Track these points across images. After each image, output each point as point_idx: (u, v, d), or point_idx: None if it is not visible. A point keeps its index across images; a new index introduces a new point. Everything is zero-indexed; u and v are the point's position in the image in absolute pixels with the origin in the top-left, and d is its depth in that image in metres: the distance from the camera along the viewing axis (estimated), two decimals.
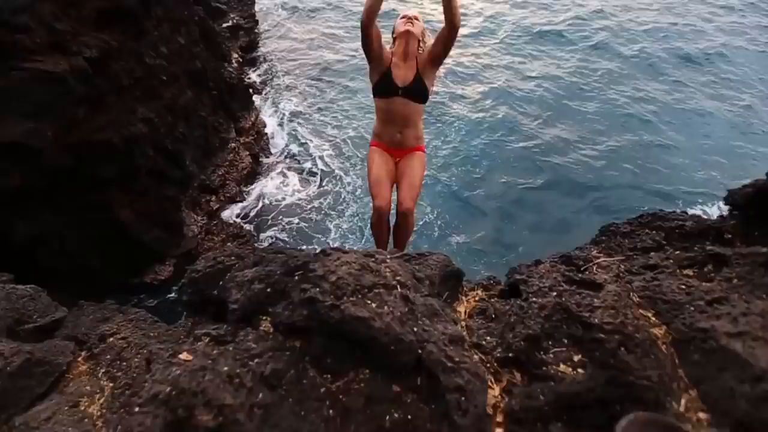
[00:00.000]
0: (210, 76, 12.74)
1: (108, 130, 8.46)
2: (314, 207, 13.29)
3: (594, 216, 13.62)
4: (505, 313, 1.92)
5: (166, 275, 10.65)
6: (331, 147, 15.42)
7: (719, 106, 18.00)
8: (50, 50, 7.58)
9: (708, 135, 16.65)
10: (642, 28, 22.57)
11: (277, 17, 21.87)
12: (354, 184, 14.23)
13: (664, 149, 15.96)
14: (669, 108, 17.70)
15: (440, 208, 13.46)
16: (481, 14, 23.31)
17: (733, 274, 1.86)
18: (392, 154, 3.34)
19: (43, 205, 8.30)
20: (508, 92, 17.90)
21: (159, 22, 10.54)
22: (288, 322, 1.80)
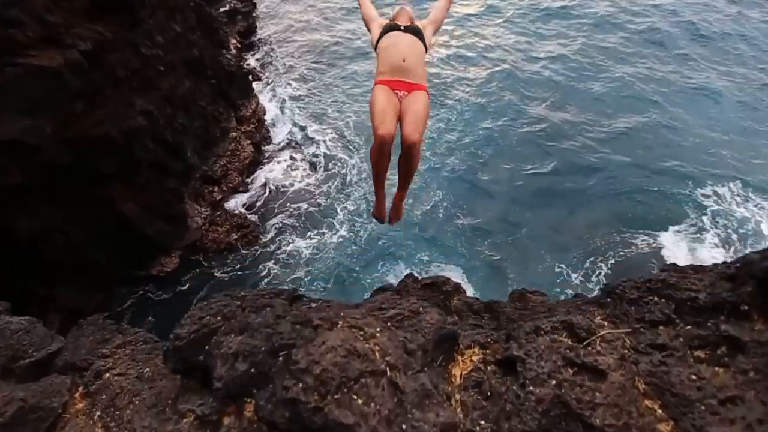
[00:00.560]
0: (208, 64, 12.50)
1: (107, 124, 8.37)
2: (320, 191, 13.24)
3: (601, 198, 13.52)
4: (502, 395, 1.78)
5: (172, 267, 10.73)
6: (333, 130, 15.23)
7: (729, 84, 17.50)
8: (44, 44, 7.43)
9: (718, 114, 16.21)
10: (651, 2, 21.78)
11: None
12: (359, 167, 14.11)
13: (672, 129, 15.60)
14: (678, 86, 17.21)
15: (446, 190, 13.39)
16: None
17: (750, 365, 1.68)
18: (396, 89, 3.21)
19: (44, 201, 8.29)
20: (513, 74, 17.46)
21: (154, 10, 10.27)
22: (270, 420, 1.71)
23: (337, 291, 10.94)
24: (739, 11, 21.49)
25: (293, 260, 11.51)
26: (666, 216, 13.03)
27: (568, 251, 12.10)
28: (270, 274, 11.18)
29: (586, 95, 16.63)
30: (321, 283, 11.15)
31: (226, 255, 11.32)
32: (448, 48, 18.89)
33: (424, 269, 11.60)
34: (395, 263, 11.74)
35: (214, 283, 10.84)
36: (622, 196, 13.56)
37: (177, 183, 10.53)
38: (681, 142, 15.16)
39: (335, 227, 12.42)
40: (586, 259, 11.95)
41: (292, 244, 11.87)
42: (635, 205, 13.41)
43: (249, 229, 11.65)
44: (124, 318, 10.08)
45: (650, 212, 13.16)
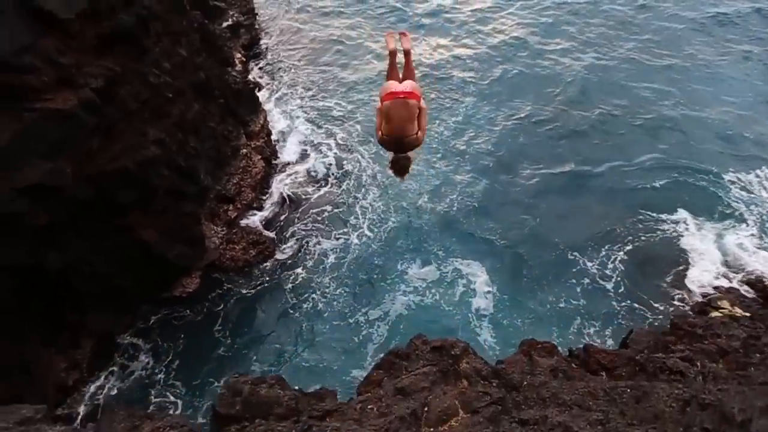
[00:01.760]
0: (215, 85, 12.66)
1: (122, 157, 8.63)
2: (333, 199, 13.41)
3: (617, 187, 13.37)
4: None
5: (194, 287, 11.04)
6: (341, 137, 15.29)
7: (748, 67, 16.92)
8: (58, 86, 7.68)
9: (738, 99, 15.75)
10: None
11: (274, 8, 21.35)
12: (372, 169, 14.26)
13: (690, 117, 15.20)
14: (694, 73, 16.72)
15: (462, 187, 13.47)
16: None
17: None
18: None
19: (70, 234, 8.62)
20: (525, 70, 17.21)
21: (159, 38, 10.44)
22: None
23: (356, 297, 11.15)
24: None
25: (311, 270, 11.73)
26: (688, 203, 12.82)
27: (584, 240, 12.14)
28: (289, 286, 11.40)
29: (599, 88, 16.33)
30: (343, 289, 11.37)
31: (245, 272, 11.58)
32: (458, 48, 18.66)
33: (441, 264, 11.78)
34: (413, 262, 11.92)
35: (235, 300, 11.14)
36: (640, 185, 13.40)
37: (193, 206, 10.79)
38: (700, 129, 14.81)
39: (351, 233, 12.59)
40: (601, 247, 11.98)
41: (310, 255, 12.07)
42: (653, 193, 13.22)
43: (265, 245, 11.86)
44: (151, 338, 10.48)
45: (670, 199, 12.95)
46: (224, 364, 10.04)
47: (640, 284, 11.29)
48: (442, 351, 2.80)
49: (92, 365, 9.87)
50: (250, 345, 10.39)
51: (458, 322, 10.57)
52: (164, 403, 9.50)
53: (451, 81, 17.04)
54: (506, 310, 10.79)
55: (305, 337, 10.49)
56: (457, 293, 11.14)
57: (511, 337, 10.24)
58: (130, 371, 9.95)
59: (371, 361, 9.88)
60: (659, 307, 10.91)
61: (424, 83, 16.83)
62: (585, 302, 10.96)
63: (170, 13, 11.03)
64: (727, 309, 10.41)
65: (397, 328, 10.55)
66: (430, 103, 16.10)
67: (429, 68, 17.65)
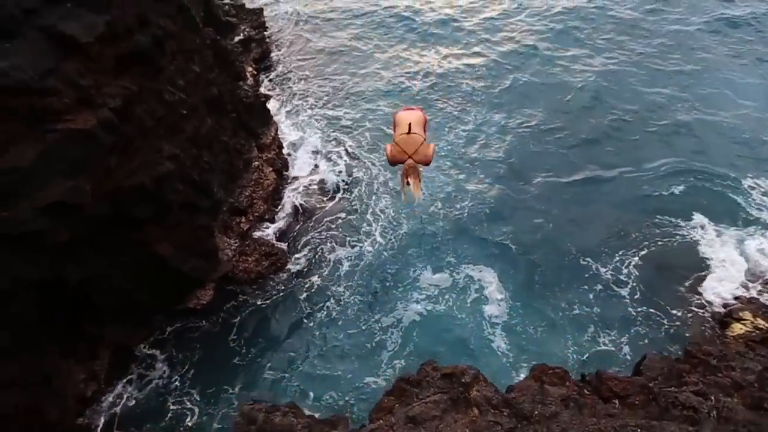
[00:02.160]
0: (227, 99, 12.95)
1: (139, 174, 8.87)
2: (344, 209, 13.53)
3: (631, 193, 13.26)
4: None
5: (208, 299, 11.21)
6: (351, 146, 15.46)
7: (763, 72, 16.65)
8: (78, 107, 7.96)
9: (751, 104, 15.49)
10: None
11: (284, 21, 21.75)
12: (384, 176, 14.37)
13: (705, 122, 15.04)
14: (706, 79, 16.52)
15: (473, 195, 13.51)
16: (501, 7, 22.25)
17: None
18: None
19: (88, 249, 8.86)
20: (535, 79, 17.20)
21: (173, 56, 10.75)
22: None
23: (369, 305, 11.23)
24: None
25: (324, 279, 11.85)
26: (706, 209, 12.66)
27: (598, 246, 12.07)
28: (302, 296, 11.51)
29: (611, 93, 16.25)
30: (356, 297, 11.47)
31: (258, 283, 11.72)
32: (468, 57, 18.76)
33: (454, 270, 11.81)
34: (425, 268, 11.96)
35: (249, 310, 11.28)
36: (655, 190, 13.28)
37: (207, 219, 10.99)
38: (715, 134, 14.64)
39: (363, 241, 12.70)
40: (616, 253, 11.88)
41: (322, 264, 12.19)
42: (669, 199, 13.10)
43: (277, 257, 12.00)
44: (166, 349, 10.67)
45: (686, 205, 12.81)
46: (239, 372, 10.17)
47: (657, 291, 11.13)
48: (453, 378, 2.81)
49: (110, 376, 10.08)
50: (264, 354, 10.50)
51: (471, 330, 10.56)
52: (181, 410, 9.65)
53: (462, 89, 17.12)
54: (519, 317, 10.74)
55: (319, 345, 10.57)
56: (470, 300, 11.15)
57: (524, 344, 10.21)
58: (147, 381, 10.14)
59: (385, 368, 10.00)
60: (677, 313, 10.75)
61: (435, 93, 17.01)
62: (599, 309, 10.84)
63: (184, 31, 11.36)
64: (750, 320, 10.20)
65: (411, 335, 10.59)
66: (441, 112, 16.20)
67: (439, 77, 17.77)
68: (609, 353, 10.13)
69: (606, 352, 10.14)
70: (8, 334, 7.65)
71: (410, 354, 10.22)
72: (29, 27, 7.44)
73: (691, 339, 10.25)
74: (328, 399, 9.62)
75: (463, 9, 21.35)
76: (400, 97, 17.18)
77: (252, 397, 9.56)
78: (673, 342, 10.24)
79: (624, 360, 9.97)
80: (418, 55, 19.03)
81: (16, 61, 6.94)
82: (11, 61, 6.90)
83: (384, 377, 9.85)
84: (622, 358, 10.02)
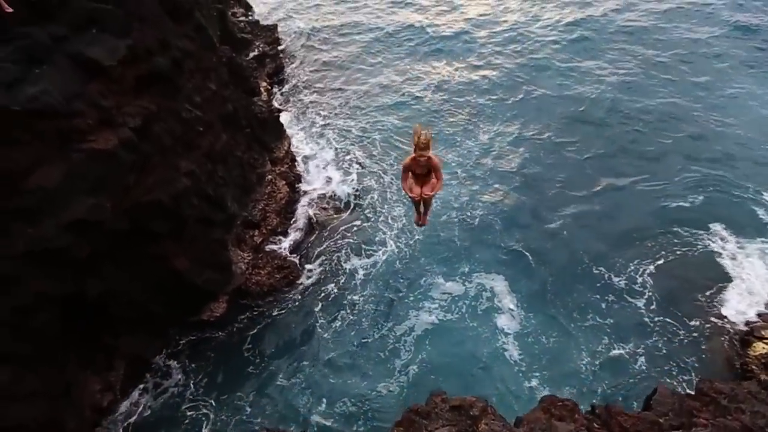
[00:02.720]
0: (242, 115, 13.28)
1: (156, 190, 9.15)
2: (356, 221, 13.66)
3: (648, 203, 13.13)
4: None
5: (221, 312, 11.41)
6: (363, 158, 15.66)
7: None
8: (100, 127, 8.29)
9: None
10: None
11: (297, 36, 22.22)
12: (396, 184, 14.42)
13: (722, 135, 14.82)
14: (724, 92, 16.31)
15: (484, 204, 13.60)
16: (519, 11, 22.42)
17: None
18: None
19: (107, 263, 9.15)
20: (548, 93, 17.21)
21: (191, 74, 11.11)
22: None
23: (382, 315, 11.33)
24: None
25: (337, 290, 11.99)
26: (726, 221, 12.45)
27: (612, 256, 11.98)
28: (315, 307, 11.65)
29: (625, 104, 16.17)
30: (368, 306, 11.59)
31: (271, 296, 11.89)
32: (479, 70, 18.89)
33: (466, 280, 11.84)
34: (437, 278, 12.02)
35: (262, 322, 11.46)
36: (672, 202, 13.14)
37: (221, 233, 11.24)
38: (733, 145, 14.47)
39: (376, 252, 12.83)
40: (630, 263, 11.75)
41: (334, 276, 12.33)
42: (687, 210, 12.93)
43: (289, 270, 12.17)
44: (181, 359, 10.89)
45: (705, 217, 12.63)
46: (253, 380, 10.35)
47: (674, 303, 10.98)
48: (461, 410, 2.86)
49: (125, 386, 10.31)
50: (277, 363, 10.65)
51: (484, 339, 10.58)
52: (197, 417, 9.86)
53: (474, 101, 17.22)
54: (532, 326, 10.72)
55: (332, 354, 10.68)
56: (483, 308, 11.19)
57: (537, 353, 10.17)
58: (162, 389, 10.35)
59: (398, 375, 10.08)
60: (695, 325, 10.58)
61: (447, 104, 17.13)
62: (613, 320, 10.73)
63: (201, 50, 11.74)
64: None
65: (423, 343, 10.65)
66: (453, 124, 16.32)
67: (451, 89, 17.91)
68: (623, 364, 9.99)
69: (620, 363, 10.01)
70: (30, 347, 7.92)
71: (423, 361, 10.29)
72: (58, 53, 7.82)
73: (710, 357, 10.05)
74: (341, 406, 9.72)
75: (473, 22, 21.55)
76: (411, 109, 17.37)
77: (264, 405, 9.78)
78: (690, 355, 10.07)
79: (639, 371, 9.82)
80: (429, 67, 19.23)
81: (45, 86, 7.29)
82: (41, 86, 7.25)
83: (398, 384, 9.94)
84: (637, 369, 9.87)
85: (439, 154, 15.18)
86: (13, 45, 7.36)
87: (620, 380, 9.72)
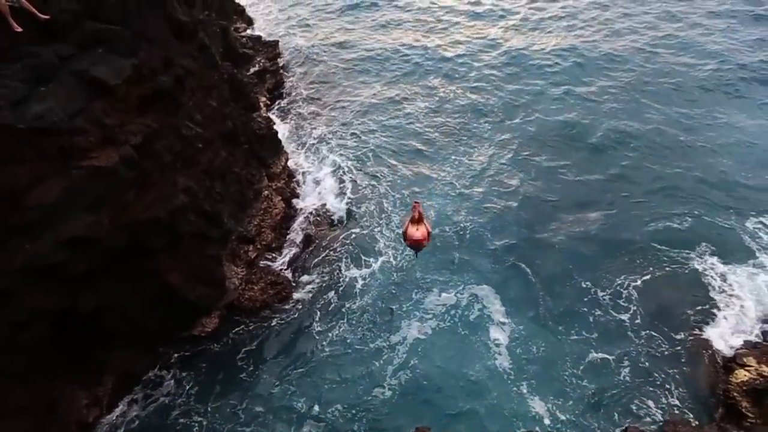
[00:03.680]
0: (241, 131, 13.48)
1: (155, 207, 9.26)
2: (349, 237, 13.82)
3: (634, 222, 13.56)
4: None
5: (213, 327, 11.43)
6: (359, 170, 15.97)
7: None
8: (102, 144, 8.44)
9: (761, 143, 15.84)
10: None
11: (298, 52, 22.58)
12: (389, 197, 14.79)
13: (711, 160, 15.34)
14: (713, 121, 16.90)
15: (475, 216, 14.04)
16: (514, 37, 23.08)
17: None
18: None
19: (102, 278, 9.18)
20: (539, 115, 17.66)
21: (192, 92, 11.33)
22: None
23: (375, 325, 11.55)
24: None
25: (330, 305, 12.15)
26: (711, 243, 12.85)
27: (598, 270, 12.44)
28: (306, 322, 11.77)
29: (618, 128, 16.61)
30: (365, 316, 11.81)
31: (263, 312, 11.96)
32: (477, 92, 19.33)
33: (457, 293, 12.11)
34: (428, 292, 12.27)
35: (254, 337, 11.54)
36: (660, 224, 13.54)
37: (216, 248, 11.32)
38: (718, 174, 14.88)
39: (369, 267, 13.03)
40: (615, 277, 12.18)
41: (328, 291, 12.50)
42: (675, 232, 13.36)
43: (282, 286, 12.25)
44: (171, 373, 10.87)
45: (693, 239, 13.05)
46: (246, 390, 10.45)
47: (659, 320, 11.32)
48: None
49: (112, 402, 10.25)
50: (270, 374, 10.75)
51: (475, 349, 10.88)
52: (190, 423, 9.93)
53: (469, 122, 17.61)
54: (521, 338, 11.07)
55: (325, 362, 10.87)
56: (474, 319, 11.51)
57: (525, 364, 10.53)
58: (153, 400, 10.37)
59: (390, 383, 10.34)
60: (678, 342, 10.94)
61: (442, 125, 17.55)
62: (598, 334, 11.11)
63: (204, 69, 11.98)
64: (754, 366, 10.23)
65: (416, 351, 10.93)
66: (448, 144, 16.70)
67: (446, 111, 18.30)
68: (607, 376, 10.35)
69: (604, 375, 10.36)
70: (22, 361, 7.91)
71: (415, 368, 10.57)
72: (64, 71, 7.99)
73: (693, 379, 10.33)
74: (333, 412, 9.95)
75: (469, 45, 22.12)
76: (406, 126, 17.72)
77: (258, 413, 9.89)
78: (672, 374, 10.36)
79: (623, 382, 10.22)
80: (425, 87, 19.66)
81: (50, 104, 7.45)
82: (46, 105, 7.41)
83: (390, 391, 10.20)
84: (621, 380, 10.27)
85: (434, 170, 15.75)
86: (21, 63, 7.54)
87: (605, 391, 10.09)
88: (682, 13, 23.45)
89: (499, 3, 25.95)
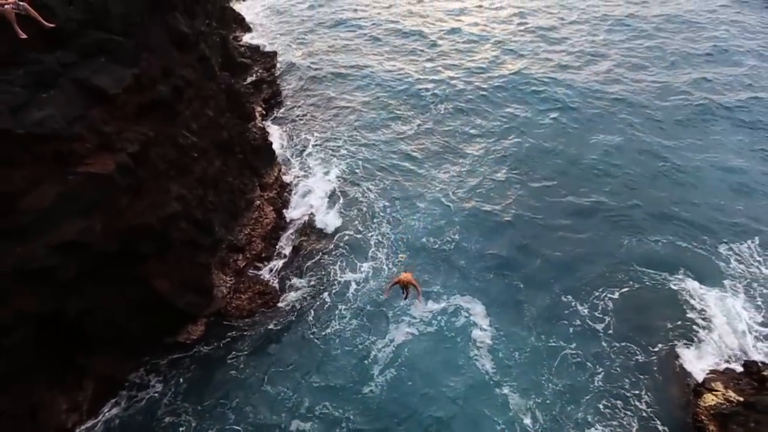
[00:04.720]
0: (236, 141, 13.67)
1: (147, 214, 9.36)
2: (337, 248, 14.03)
3: (613, 241, 14.17)
4: None
5: (198, 334, 11.44)
6: (350, 180, 16.29)
7: (746, 138, 18.04)
8: (99, 151, 8.55)
9: (735, 167, 16.69)
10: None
11: (295, 63, 22.91)
12: (378, 207, 15.12)
13: (685, 184, 16.12)
14: (692, 143, 17.81)
15: (463, 228, 14.52)
16: (511, 65, 23.78)
17: None
18: None
19: (90, 282, 9.20)
20: (527, 129, 18.28)
21: (190, 102, 11.52)
22: None
23: (362, 329, 11.85)
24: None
25: (315, 316, 12.30)
26: (684, 264, 13.54)
27: (578, 284, 13.11)
28: (291, 334, 11.88)
29: (604, 163, 17.22)
30: (353, 321, 12.10)
31: (250, 321, 12.01)
32: (469, 114, 19.85)
33: (444, 302, 12.52)
34: (415, 299, 12.27)
35: (241, 342, 11.64)
36: (637, 242, 14.26)
37: (206, 256, 11.41)
38: (695, 195, 15.65)
39: (357, 275, 13.30)
40: (593, 291, 12.86)
41: (313, 302, 12.64)
42: (654, 254, 14.06)
43: (270, 296, 12.35)
44: (155, 378, 10.84)
45: (666, 259, 13.74)
46: (234, 391, 10.59)
47: (632, 333, 11.85)
48: None
49: (93, 407, 10.16)
50: (257, 376, 10.91)
51: (459, 349, 11.37)
52: (177, 422, 10.02)
53: (459, 145, 18.04)
54: (503, 343, 11.55)
55: (313, 363, 11.17)
56: (459, 324, 11.99)
57: (507, 366, 11.05)
58: (134, 407, 10.33)
59: (377, 383, 10.68)
60: (652, 355, 11.51)
61: (435, 146, 18.01)
62: (576, 343, 11.63)
63: (202, 79, 12.19)
64: (721, 392, 10.68)
65: (402, 351, 11.32)
66: (439, 163, 17.10)
67: (438, 132, 18.71)
68: (582, 383, 10.86)
69: (579, 382, 10.87)
70: (2, 365, 7.86)
71: (402, 367, 10.98)
72: (65, 78, 8.13)
73: (663, 396, 10.76)
74: (322, 409, 10.25)
75: (464, 68, 22.75)
76: (397, 143, 18.09)
77: (247, 413, 10.02)
78: (643, 386, 10.86)
79: (597, 389, 10.74)
80: (418, 107, 20.12)
81: (50, 111, 7.57)
82: (46, 111, 7.53)
83: (377, 390, 10.55)
84: (595, 386, 10.80)
85: (423, 185, 16.16)
86: (23, 69, 7.66)
87: (579, 395, 10.64)
88: (666, 45, 24.54)
89: (492, 29, 26.82)
